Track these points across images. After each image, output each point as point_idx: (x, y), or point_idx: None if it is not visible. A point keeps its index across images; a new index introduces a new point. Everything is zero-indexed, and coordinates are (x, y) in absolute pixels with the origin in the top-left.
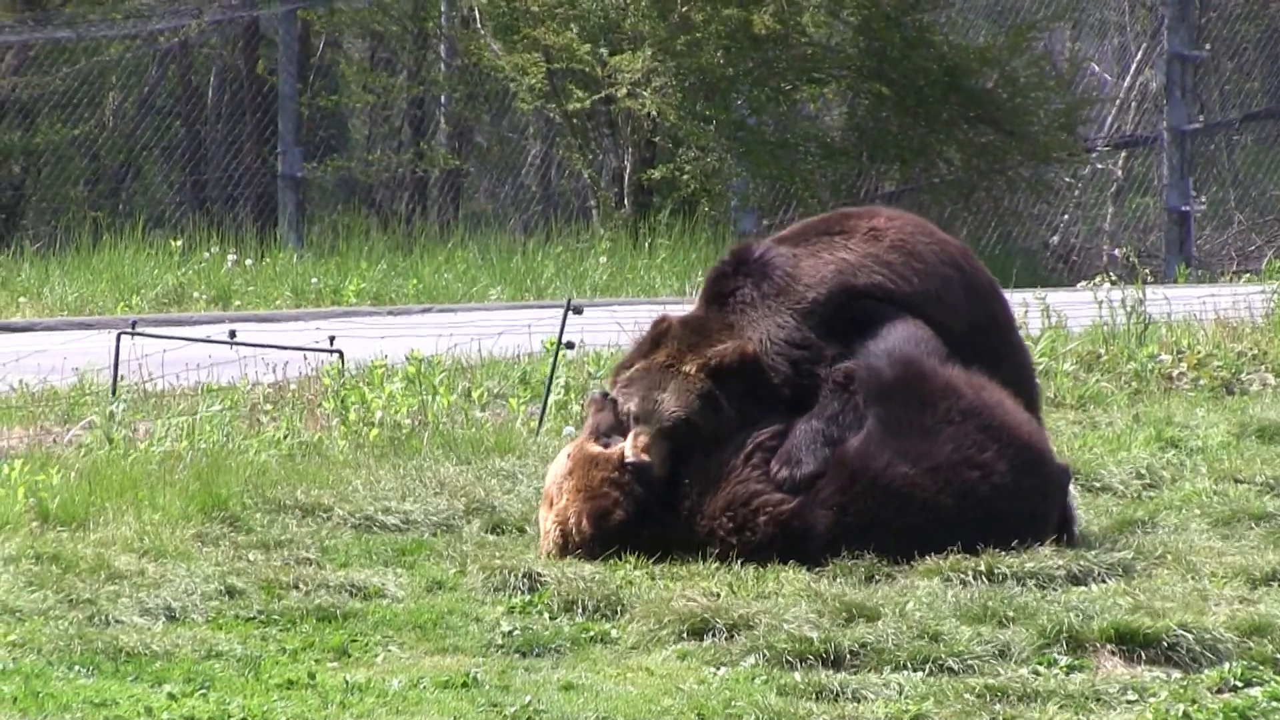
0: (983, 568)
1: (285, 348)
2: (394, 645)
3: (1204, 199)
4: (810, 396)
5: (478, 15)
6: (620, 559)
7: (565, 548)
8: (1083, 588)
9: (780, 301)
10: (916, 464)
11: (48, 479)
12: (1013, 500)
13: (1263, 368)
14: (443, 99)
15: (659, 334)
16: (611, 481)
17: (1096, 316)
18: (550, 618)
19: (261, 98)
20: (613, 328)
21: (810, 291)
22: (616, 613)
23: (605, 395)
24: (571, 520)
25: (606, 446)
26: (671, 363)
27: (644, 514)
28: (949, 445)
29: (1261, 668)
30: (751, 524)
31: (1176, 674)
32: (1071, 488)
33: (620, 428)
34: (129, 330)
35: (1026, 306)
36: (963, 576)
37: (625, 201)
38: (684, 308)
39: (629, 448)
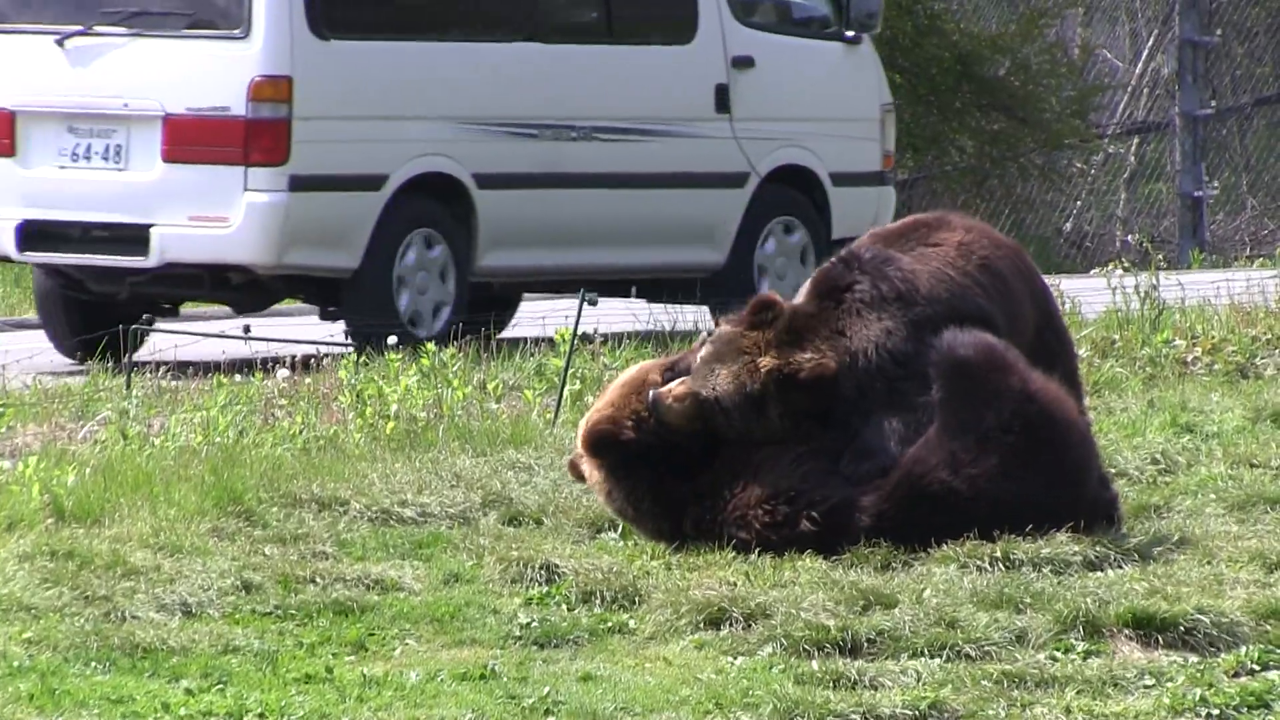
0: (999, 554)
1: (300, 341)
2: (411, 638)
3: (1216, 184)
4: (896, 405)
5: None
6: (637, 547)
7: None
8: (1099, 573)
9: (897, 307)
10: (958, 471)
11: (62, 475)
12: (1043, 516)
13: (1277, 352)
14: None
15: (765, 318)
16: (635, 414)
17: (1110, 302)
18: (568, 609)
19: None
20: (628, 319)
21: (928, 307)
22: (634, 603)
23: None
24: (585, 423)
25: (668, 381)
26: (753, 349)
27: (649, 458)
28: (996, 456)
29: (1278, 651)
30: (791, 519)
31: (1193, 658)
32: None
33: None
34: (143, 326)
35: None
36: (979, 563)
37: None
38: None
39: (668, 389)
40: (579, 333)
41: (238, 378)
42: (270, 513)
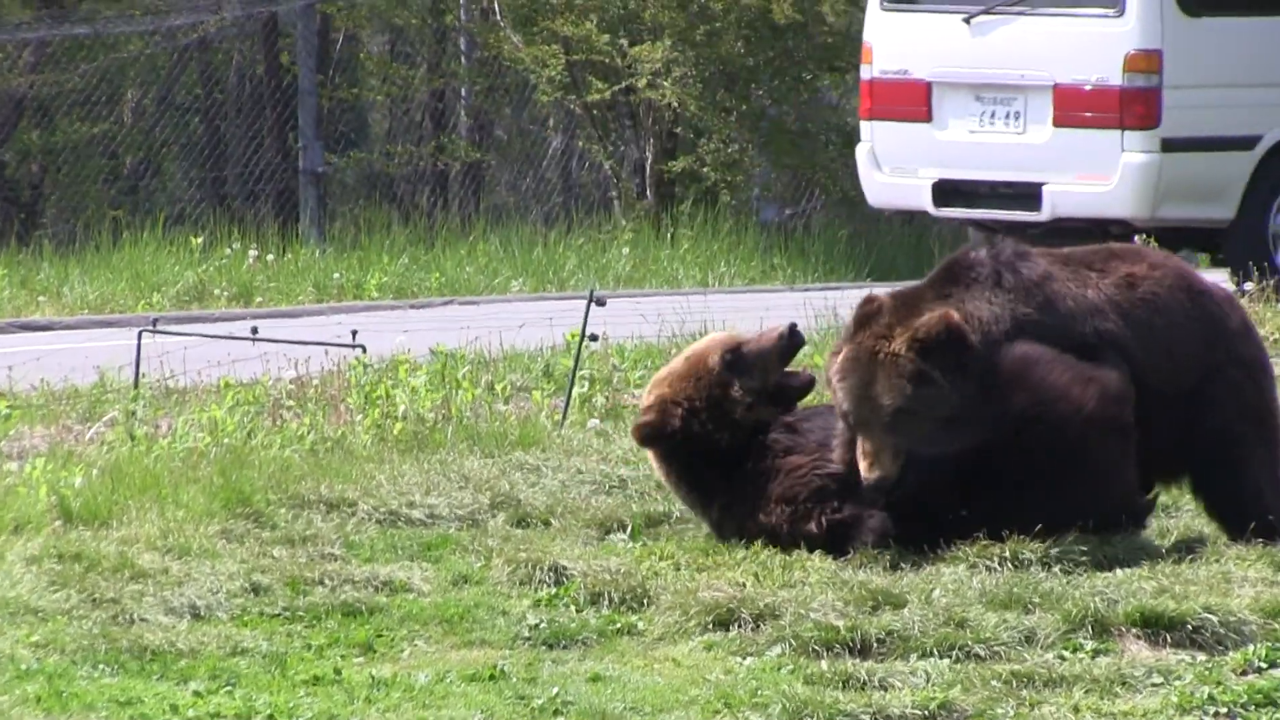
0: (1008, 554)
1: (307, 343)
2: (420, 639)
3: None
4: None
5: (497, 7)
6: (645, 548)
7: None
8: (1107, 572)
9: (1010, 298)
10: (968, 494)
11: (70, 477)
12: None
13: None
14: (463, 92)
15: (866, 314)
16: (689, 400)
17: None
18: (577, 610)
19: (281, 93)
20: (636, 319)
21: (1037, 313)
22: (643, 604)
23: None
24: (642, 404)
25: (728, 363)
26: (877, 344)
27: (690, 446)
28: (1008, 480)
29: None
30: (804, 522)
31: (1201, 656)
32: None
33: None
34: (150, 328)
35: None
36: (988, 563)
37: (647, 192)
38: (705, 299)
39: (862, 467)
40: (587, 334)
41: (245, 378)
42: (278, 514)
